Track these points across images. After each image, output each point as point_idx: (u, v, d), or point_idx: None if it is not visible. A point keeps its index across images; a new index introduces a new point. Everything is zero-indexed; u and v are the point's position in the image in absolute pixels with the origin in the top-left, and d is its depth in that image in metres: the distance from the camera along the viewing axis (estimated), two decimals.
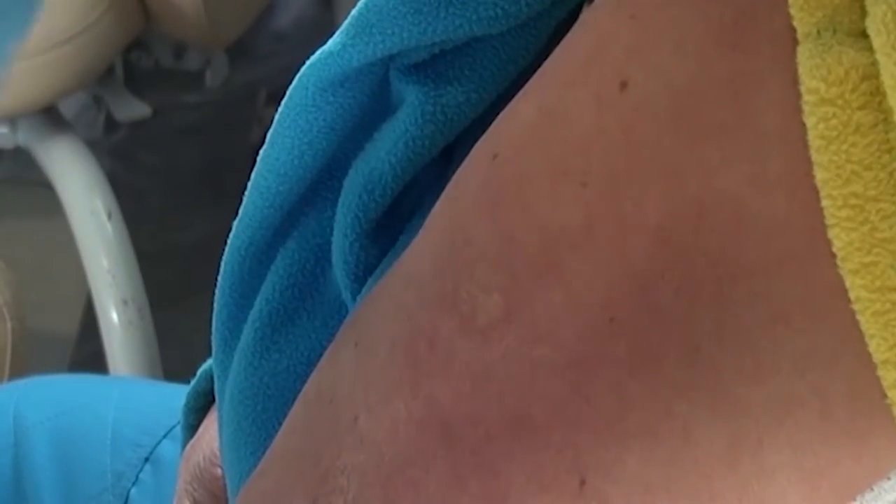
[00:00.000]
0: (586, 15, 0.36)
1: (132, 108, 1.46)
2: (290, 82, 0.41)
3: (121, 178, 1.65)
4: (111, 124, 1.74)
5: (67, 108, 1.60)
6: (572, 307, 0.31)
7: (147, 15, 1.35)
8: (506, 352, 0.31)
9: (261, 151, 0.45)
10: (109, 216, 1.42)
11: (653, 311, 0.30)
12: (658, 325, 0.30)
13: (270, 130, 0.43)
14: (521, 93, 0.36)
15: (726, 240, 0.29)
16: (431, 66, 0.39)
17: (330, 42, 0.40)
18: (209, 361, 0.56)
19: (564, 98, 0.33)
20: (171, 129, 1.67)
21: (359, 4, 0.39)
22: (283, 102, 0.41)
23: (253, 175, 0.45)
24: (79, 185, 1.44)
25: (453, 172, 0.34)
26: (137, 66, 1.50)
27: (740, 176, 0.29)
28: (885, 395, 0.28)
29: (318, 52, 0.40)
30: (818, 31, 0.29)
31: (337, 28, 0.40)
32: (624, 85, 0.31)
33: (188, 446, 0.60)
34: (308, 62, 0.40)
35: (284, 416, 0.42)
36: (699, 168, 0.29)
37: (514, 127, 0.34)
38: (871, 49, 0.28)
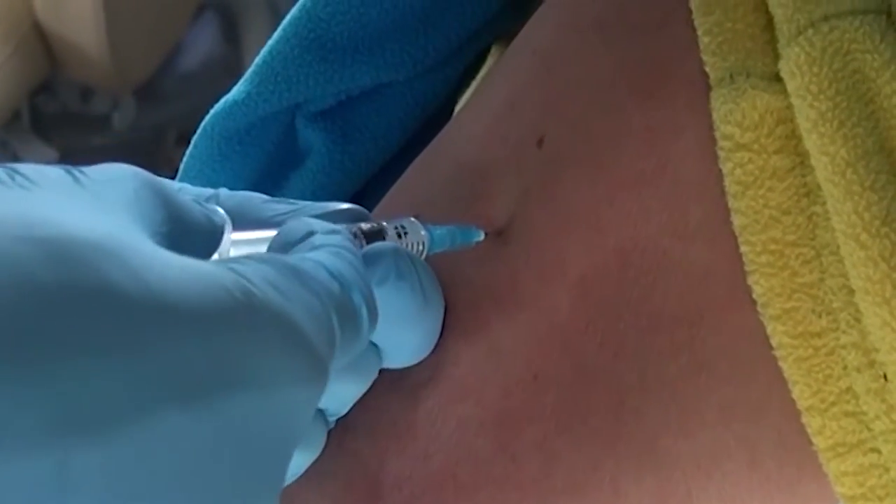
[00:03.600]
0: (501, 63, 0.35)
1: (39, 153, 1.42)
2: (199, 122, 0.40)
3: None
4: None
5: None
6: (497, 364, 0.30)
7: (52, 59, 1.32)
8: (431, 410, 0.31)
9: None
10: None
11: (577, 365, 0.29)
12: (583, 379, 0.29)
13: (176, 179, 0.41)
14: (433, 146, 0.35)
15: (649, 290, 0.29)
16: (339, 113, 0.39)
17: (234, 90, 0.38)
18: None
19: (481, 157, 0.32)
20: None
21: (262, 51, 0.38)
22: (188, 152, 0.39)
23: None
24: None
25: None
26: (44, 111, 1.46)
27: (660, 225, 0.29)
28: (811, 443, 0.28)
29: (222, 101, 0.38)
30: (731, 76, 0.29)
31: (245, 69, 0.39)
32: (541, 142, 0.31)
33: None
34: (212, 111, 0.39)
35: None
36: (619, 219, 0.29)
37: (432, 185, 0.33)
38: (785, 92, 0.28)
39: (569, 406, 0.29)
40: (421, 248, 0.31)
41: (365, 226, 0.30)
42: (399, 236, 0.30)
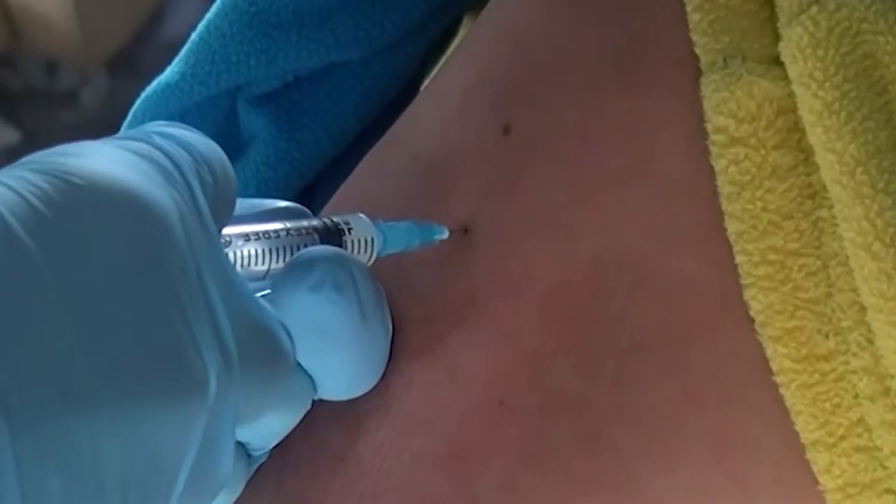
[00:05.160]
0: (463, 42, 0.33)
1: (0, 134, 1.40)
2: None
3: None
4: None
5: None
6: (455, 389, 0.29)
7: (13, 30, 1.29)
8: (381, 442, 0.30)
9: None
10: None
11: (547, 391, 0.28)
12: (553, 407, 0.28)
13: None
14: (387, 138, 0.33)
15: (627, 306, 0.28)
16: (285, 97, 0.38)
17: (167, 71, 0.36)
18: None
19: (440, 149, 0.31)
20: None
21: (198, 27, 0.36)
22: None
23: None
24: None
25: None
26: (5, 87, 1.45)
27: (642, 231, 0.28)
28: (816, 482, 0.27)
29: (153, 83, 0.37)
30: (724, 60, 0.28)
31: None
32: (507, 130, 0.30)
33: None
34: (142, 95, 0.37)
35: None
36: (595, 223, 0.28)
37: (386, 181, 0.32)
38: (786, 78, 0.27)
39: (537, 438, 0.28)
40: (370, 250, 0.29)
41: (317, 222, 0.28)
42: (341, 234, 0.29)
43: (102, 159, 0.24)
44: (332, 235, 0.29)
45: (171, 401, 0.22)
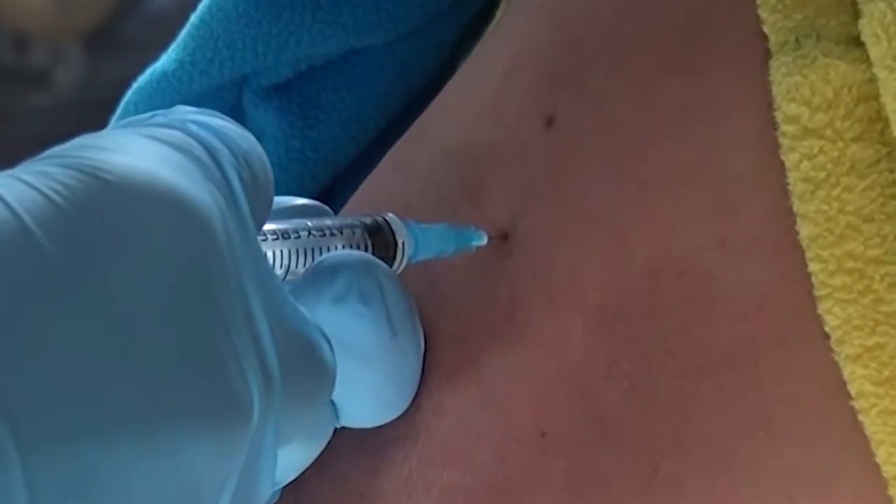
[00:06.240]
0: (501, 22, 0.33)
1: None
2: None
3: None
4: None
5: None
6: (492, 416, 0.29)
7: None
8: (407, 476, 0.29)
9: None
10: None
11: (596, 419, 0.28)
12: (603, 438, 0.28)
13: None
14: (413, 131, 0.32)
15: (689, 322, 0.27)
16: (297, 88, 0.36)
17: (163, 59, 0.35)
18: None
19: (474, 143, 0.30)
20: (16, 139, 1.60)
21: (199, 8, 0.35)
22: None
23: None
24: None
25: None
26: None
27: (704, 236, 0.27)
28: None
29: (147, 73, 0.35)
30: (797, 39, 0.27)
31: None
32: (551, 121, 0.29)
33: None
34: (134, 85, 0.36)
35: None
36: (651, 227, 0.28)
37: (412, 180, 0.31)
38: (867, 60, 0.26)
39: (584, 473, 0.28)
40: (400, 256, 0.28)
41: (367, 219, 0.28)
42: (369, 236, 0.28)
43: (135, 152, 0.23)
44: (374, 235, 0.28)
45: (210, 427, 0.22)
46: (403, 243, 0.28)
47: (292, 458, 0.27)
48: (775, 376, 0.27)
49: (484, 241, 0.29)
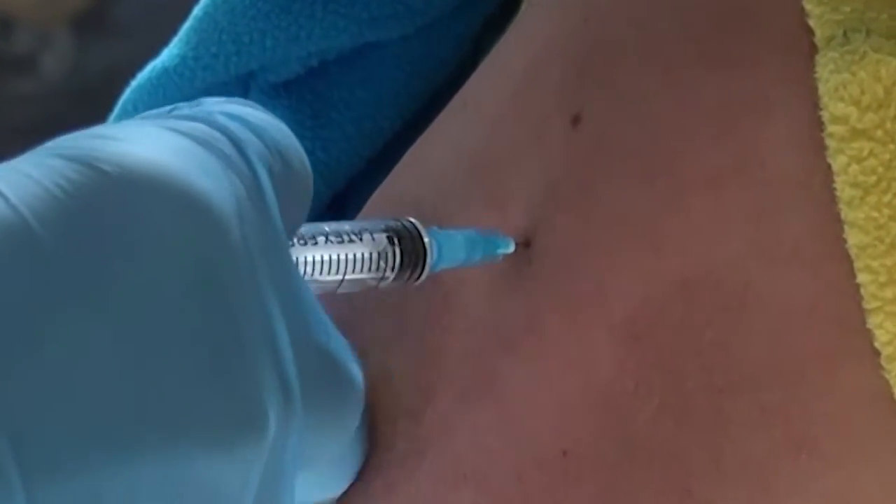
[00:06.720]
0: (523, 13, 0.32)
1: None
2: None
3: None
4: None
5: None
6: (510, 435, 0.28)
7: None
8: (416, 498, 0.29)
9: None
10: None
11: (624, 439, 0.28)
12: (632, 459, 0.27)
13: None
14: (430, 131, 0.32)
15: (726, 336, 0.27)
16: (308, 85, 0.36)
17: (164, 53, 0.35)
18: None
19: (494, 143, 0.30)
20: (0, 128, 1.60)
21: (202, 1, 0.35)
22: None
23: None
24: None
25: None
26: None
27: (743, 244, 0.27)
28: None
29: (147, 68, 0.35)
30: (845, 34, 0.27)
31: None
32: (576, 119, 0.29)
33: None
34: (134, 82, 0.35)
35: None
36: (685, 234, 0.27)
37: (427, 182, 0.31)
38: None
39: (611, 494, 0.28)
40: (420, 264, 0.28)
41: (390, 222, 0.28)
42: (391, 243, 0.27)
43: (144, 143, 0.22)
44: (400, 241, 0.27)
45: (223, 445, 0.21)
46: (425, 250, 0.28)
47: (313, 492, 0.27)
48: (819, 394, 0.27)
49: (511, 248, 0.29)
